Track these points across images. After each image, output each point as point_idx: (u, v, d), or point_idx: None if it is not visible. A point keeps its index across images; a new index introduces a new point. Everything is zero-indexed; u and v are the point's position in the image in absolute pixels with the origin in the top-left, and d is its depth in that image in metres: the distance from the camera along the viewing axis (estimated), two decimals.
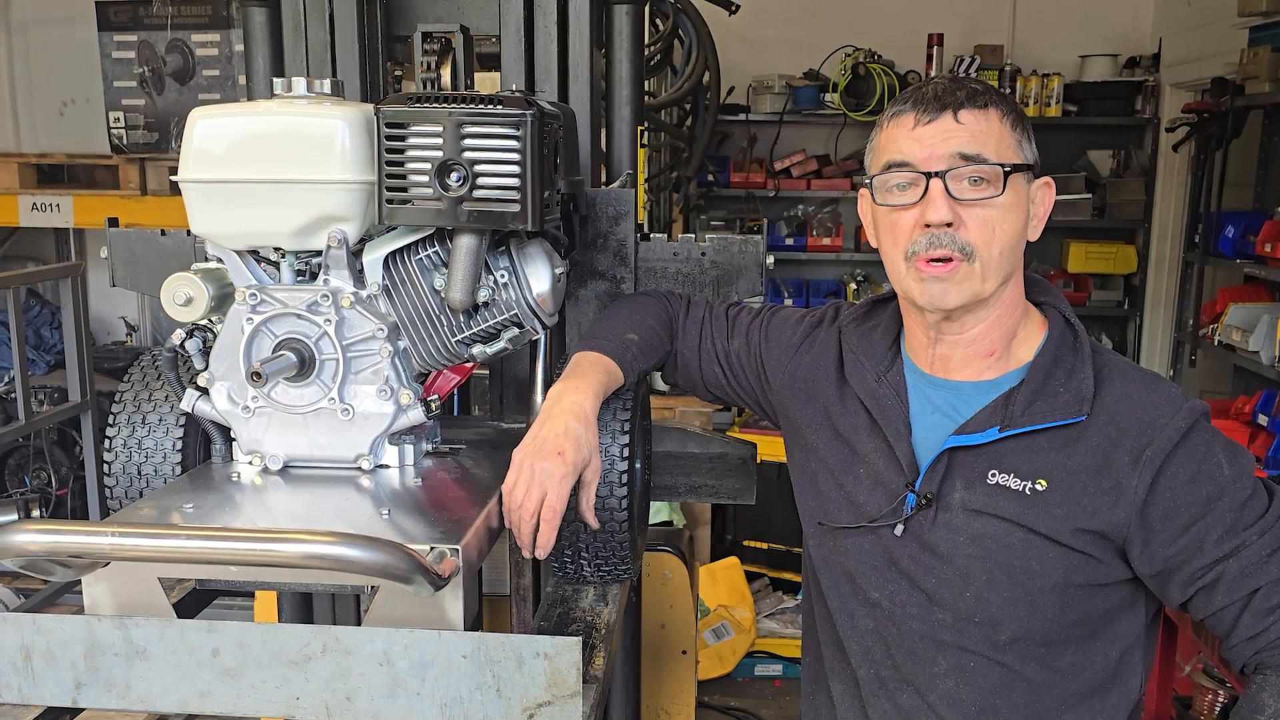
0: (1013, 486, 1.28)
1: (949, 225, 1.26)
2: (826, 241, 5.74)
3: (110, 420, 1.44)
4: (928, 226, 1.27)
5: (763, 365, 1.54)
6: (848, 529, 1.38)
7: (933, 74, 5.48)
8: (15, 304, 3.50)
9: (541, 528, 1.26)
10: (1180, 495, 1.24)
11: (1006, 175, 1.26)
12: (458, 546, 1.13)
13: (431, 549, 1.12)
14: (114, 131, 4.46)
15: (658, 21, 4.22)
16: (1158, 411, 1.27)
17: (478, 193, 1.26)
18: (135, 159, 4.45)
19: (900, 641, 1.35)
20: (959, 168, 1.26)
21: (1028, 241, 1.33)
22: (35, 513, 4.01)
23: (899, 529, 1.33)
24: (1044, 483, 1.27)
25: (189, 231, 1.65)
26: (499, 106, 1.25)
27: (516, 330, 1.41)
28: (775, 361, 1.53)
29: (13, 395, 3.72)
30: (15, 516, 3.92)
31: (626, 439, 1.39)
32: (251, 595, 2.53)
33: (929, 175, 1.26)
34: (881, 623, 1.37)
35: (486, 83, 1.88)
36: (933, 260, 1.27)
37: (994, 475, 1.29)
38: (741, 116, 5.64)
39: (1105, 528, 1.26)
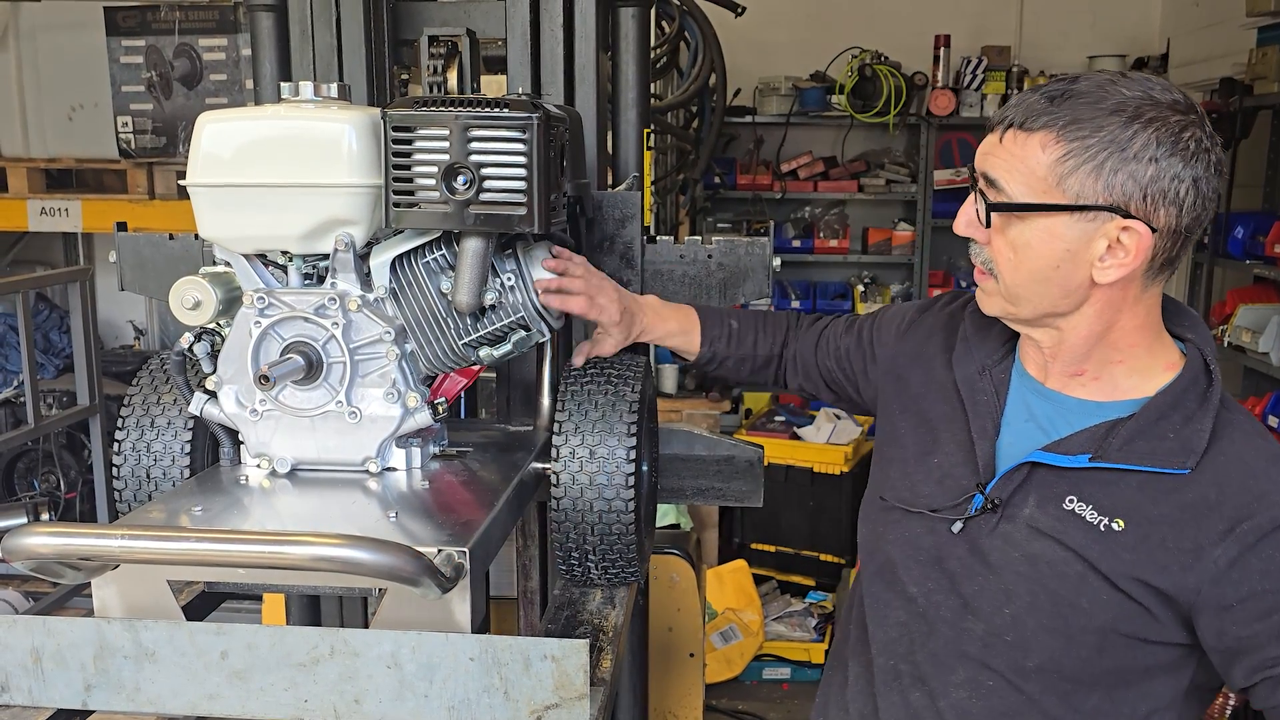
0: (1088, 518, 1.21)
1: (978, 239, 1.25)
2: (834, 243, 5.73)
3: (119, 424, 1.44)
4: None
5: (873, 355, 1.54)
6: (906, 511, 1.34)
7: (939, 76, 5.47)
8: (24, 308, 3.52)
9: (566, 301, 1.43)
10: (1270, 580, 1.16)
11: (988, 212, 1.20)
12: (465, 549, 1.13)
13: (439, 551, 1.12)
14: (122, 136, 4.47)
15: (664, 24, 4.22)
16: (1271, 486, 1.17)
17: (484, 196, 1.27)
18: (143, 163, 4.47)
19: (926, 642, 1.32)
20: (983, 188, 1.22)
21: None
22: (44, 516, 4.01)
23: (957, 525, 1.29)
24: (1121, 523, 1.19)
25: (197, 235, 1.65)
26: (505, 110, 1.25)
27: (523, 333, 1.41)
28: (882, 347, 1.53)
29: (22, 399, 3.73)
30: (24, 520, 3.93)
31: (633, 441, 1.39)
32: (259, 598, 2.53)
33: (973, 184, 1.23)
34: (913, 618, 1.33)
35: (493, 86, 1.88)
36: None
37: (1071, 501, 1.22)
38: (748, 118, 5.64)
39: (1170, 588, 1.18)
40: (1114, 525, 1.20)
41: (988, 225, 1.21)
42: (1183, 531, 1.18)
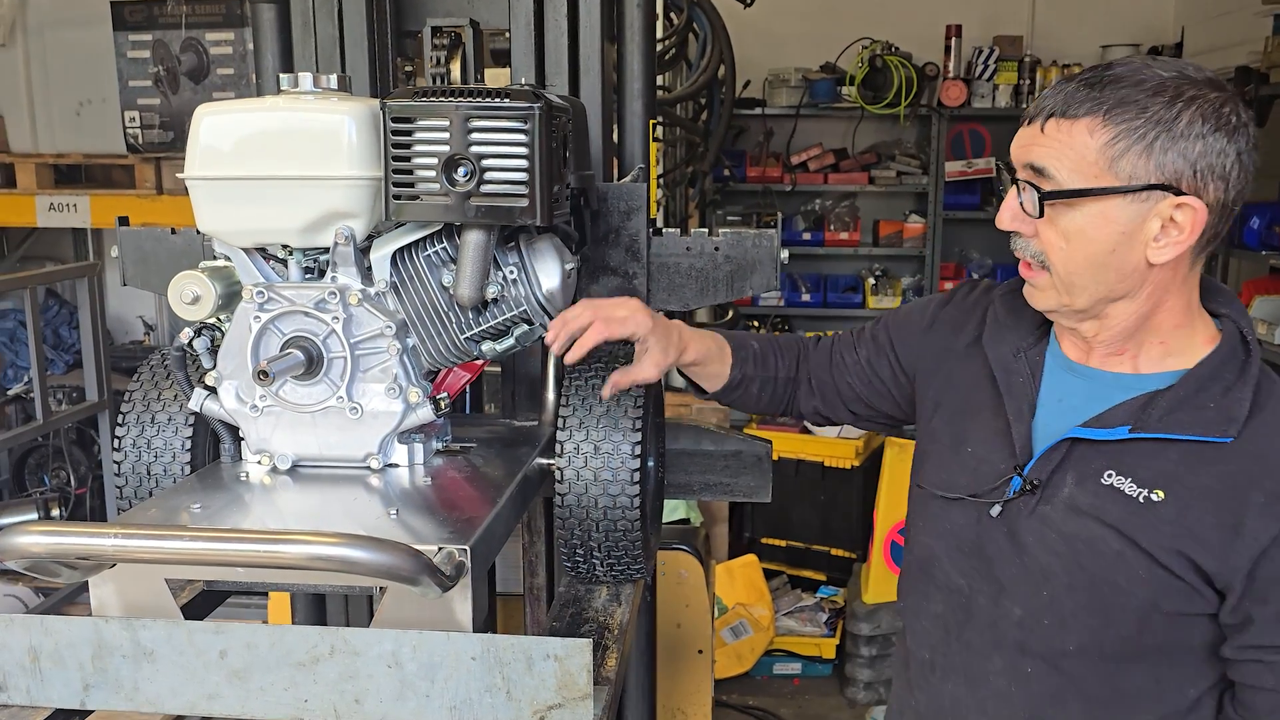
0: (1127, 491, 1.20)
1: (1023, 233, 1.23)
2: (844, 236, 5.70)
3: (120, 420, 1.43)
4: None
5: (896, 358, 1.50)
6: (945, 499, 1.34)
7: (950, 67, 5.43)
8: (32, 304, 3.52)
9: (583, 338, 1.31)
10: None
11: (1042, 202, 1.18)
12: (466, 547, 1.11)
13: (440, 549, 1.10)
14: (129, 131, 4.48)
15: (672, 15, 4.19)
16: None
17: (485, 188, 1.25)
18: (151, 158, 4.47)
19: (961, 631, 1.32)
20: (1029, 179, 1.21)
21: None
22: (55, 512, 4.03)
23: (995, 509, 1.28)
24: (1161, 494, 1.18)
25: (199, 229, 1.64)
26: (506, 100, 1.23)
27: (526, 327, 1.39)
28: (907, 347, 1.49)
29: (32, 395, 3.74)
30: (35, 515, 3.95)
31: (638, 437, 1.37)
32: (266, 594, 2.53)
33: (1013, 178, 1.23)
34: (950, 609, 1.33)
35: (500, 79, 1.86)
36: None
37: (1110, 475, 1.21)
38: (757, 110, 5.61)
39: (1210, 563, 1.17)
40: (1153, 496, 1.18)
41: (1040, 215, 1.19)
42: (1223, 504, 1.17)
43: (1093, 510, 1.22)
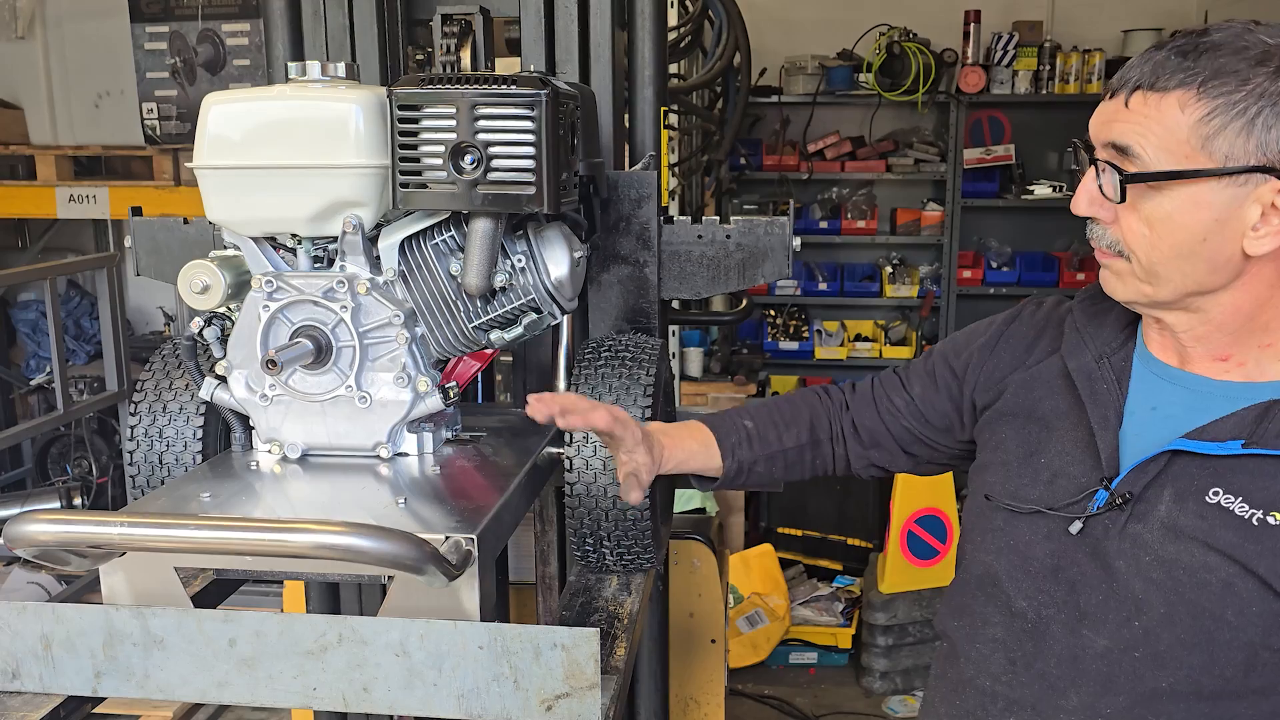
0: (1237, 512, 1.06)
1: (1101, 219, 1.12)
2: (861, 224, 5.67)
3: (132, 409, 1.44)
4: None
5: (958, 383, 1.36)
6: (1014, 512, 1.20)
7: (968, 53, 5.37)
8: (52, 295, 3.54)
9: (590, 414, 1.21)
10: None
11: (1123, 185, 1.06)
12: (473, 535, 1.11)
13: (447, 538, 1.10)
14: (148, 123, 4.50)
15: (688, 2, 4.17)
16: None
17: (492, 175, 1.24)
18: (168, 149, 4.50)
19: (1032, 662, 1.17)
20: (1110, 159, 1.08)
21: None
22: (77, 500, 4.06)
23: (1075, 526, 1.14)
24: (1279, 516, 1.05)
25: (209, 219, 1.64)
26: (513, 87, 1.23)
27: (535, 315, 1.39)
28: (966, 369, 1.35)
29: (53, 385, 3.77)
30: (58, 504, 3.99)
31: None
32: (281, 582, 2.54)
33: (1091, 159, 1.11)
34: (1016, 636, 1.19)
35: (511, 67, 1.86)
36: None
37: (1216, 494, 1.08)
38: (774, 98, 5.57)
39: None
40: (1269, 519, 1.05)
41: (1122, 199, 1.08)
42: None
43: (1197, 533, 1.08)
